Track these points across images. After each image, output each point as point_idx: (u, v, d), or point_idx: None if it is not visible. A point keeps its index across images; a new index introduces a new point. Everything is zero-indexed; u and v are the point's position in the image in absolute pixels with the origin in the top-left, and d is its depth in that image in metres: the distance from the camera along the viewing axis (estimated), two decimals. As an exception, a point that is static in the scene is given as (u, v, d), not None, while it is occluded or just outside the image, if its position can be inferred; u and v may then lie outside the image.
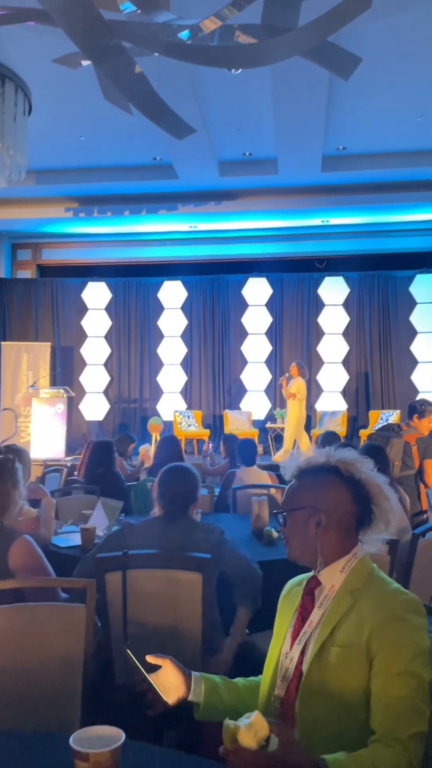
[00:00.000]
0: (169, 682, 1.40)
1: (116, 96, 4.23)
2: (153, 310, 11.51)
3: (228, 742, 1.06)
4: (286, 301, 11.24)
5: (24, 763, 1.23)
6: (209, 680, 1.46)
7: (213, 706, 1.44)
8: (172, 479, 2.53)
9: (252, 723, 1.06)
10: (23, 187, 8.78)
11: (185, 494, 2.49)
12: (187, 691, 1.41)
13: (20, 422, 10.52)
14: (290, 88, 6.34)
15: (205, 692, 1.43)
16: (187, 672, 1.43)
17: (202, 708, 1.43)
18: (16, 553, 2.19)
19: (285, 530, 1.48)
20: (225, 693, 1.46)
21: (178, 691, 1.40)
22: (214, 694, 1.44)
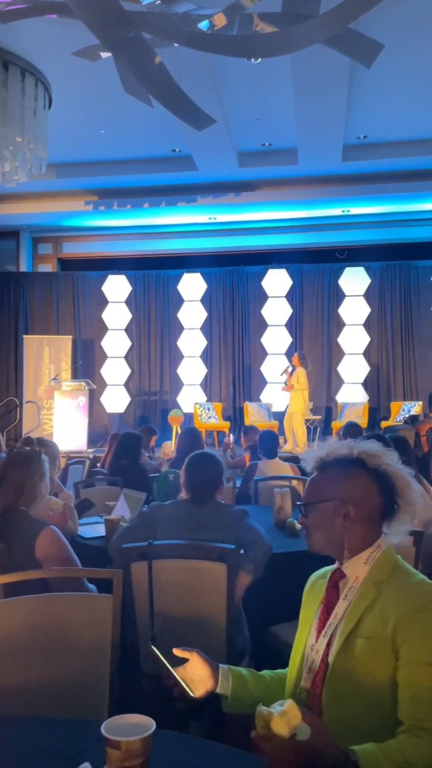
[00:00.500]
0: (197, 675, 1.41)
1: (136, 88, 4.22)
2: (173, 303, 11.52)
3: (260, 728, 1.07)
4: (306, 292, 11.18)
5: (55, 750, 1.25)
6: (236, 673, 1.46)
7: (240, 699, 1.44)
8: (199, 466, 2.59)
9: (285, 711, 1.06)
10: (43, 181, 8.82)
11: (212, 480, 2.56)
12: (214, 684, 1.42)
13: (43, 415, 10.64)
14: (311, 76, 6.28)
15: (233, 685, 1.43)
16: (214, 665, 1.44)
17: (229, 700, 1.44)
18: (43, 544, 2.22)
19: (307, 522, 1.47)
20: (252, 685, 1.47)
21: (206, 684, 1.41)
22: (242, 686, 1.45)
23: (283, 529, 3.34)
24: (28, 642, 1.74)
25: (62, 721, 1.39)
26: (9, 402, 11.21)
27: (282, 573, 2.76)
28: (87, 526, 3.59)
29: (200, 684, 1.40)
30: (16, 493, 2.32)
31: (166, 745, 1.19)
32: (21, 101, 6.27)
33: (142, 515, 2.62)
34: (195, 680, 1.39)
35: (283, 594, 2.50)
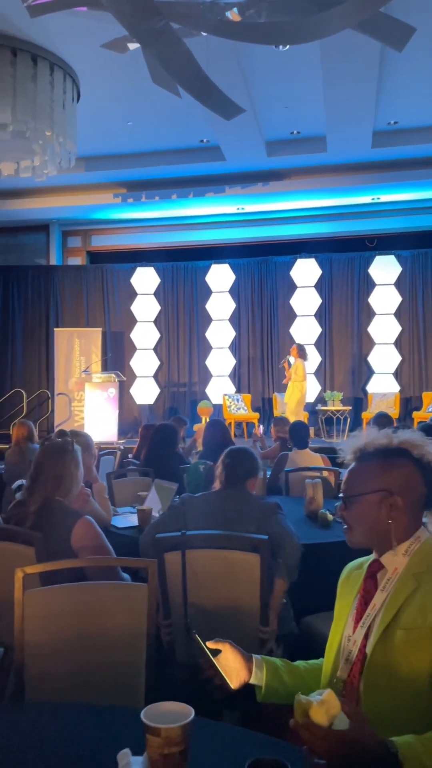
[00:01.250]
0: (230, 666, 1.41)
1: (165, 79, 4.22)
2: (201, 294, 11.52)
3: (299, 717, 1.07)
4: (335, 282, 11.06)
5: (95, 736, 1.27)
6: (270, 663, 1.46)
7: (275, 689, 1.44)
8: (235, 460, 2.66)
9: (324, 700, 1.06)
10: (72, 175, 8.89)
11: (246, 471, 2.63)
12: (248, 675, 1.42)
13: (74, 406, 10.77)
14: (340, 62, 6.19)
15: (267, 675, 1.44)
16: (247, 655, 1.44)
17: (264, 691, 1.44)
18: (78, 534, 2.25)
19: (348, 514, 1.45)
20: (286, 676, 1.47)
21: (240, 674, 1.41)
22: (276, 677, 1.45)
23: (315, 520, 3.33)
24: (64, 629, 1.77)
25: (102, 708, 1.41)
26: (41, 394, 11.37)
27: (314, 564, 2.76)
28: (120, 516, 3.63)
29: (234, 675, 1.41)
30: (54, 484, 2.36)
31: (202, 733, 1.20)
32: (50, 95, 6.32)
33: (173, 507, 2.65)
34: (229, 671, 1.40)
35: (316, 585, 2.50)
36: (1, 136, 6.26)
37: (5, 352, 11.60)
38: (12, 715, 1.45)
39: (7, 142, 6.53)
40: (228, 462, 2.66)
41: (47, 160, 6.94)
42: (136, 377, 11.61)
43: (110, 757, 1.12)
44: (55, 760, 1.18)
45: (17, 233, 11.88)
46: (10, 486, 4.69)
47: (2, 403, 11.14)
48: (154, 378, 11.67)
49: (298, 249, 11.18)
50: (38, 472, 2.38)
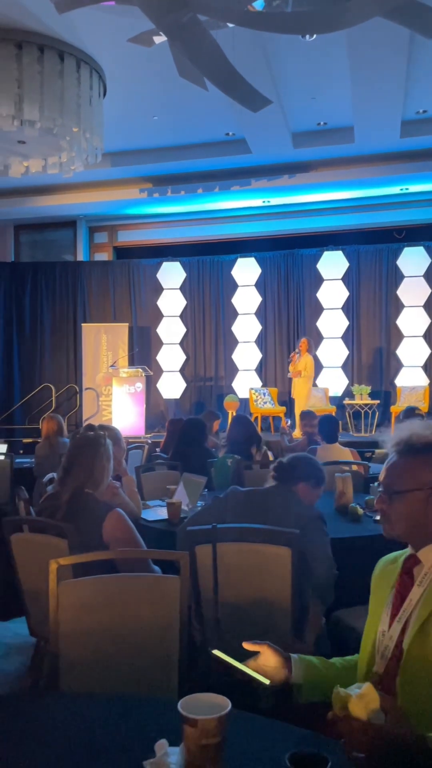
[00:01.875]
0: (270, 667, 1.41)
1: (192, 72, 4.21)
2: (227, 288, 11.50)
3: (338, 710, 1.07)
4: (363, 274, 10.94)
5: (132, 726, 1.28)
6: (307, 661, 1.46)
7: (315, 686, 1.44)
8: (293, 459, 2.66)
9: (363, 693, 1.06)
10: (99, 170, 8.94)
11: (301, 473, 2.60)
12: (288, 674, 1.42)
13: (101, 401, 10.86)
14: (367, 50, 6.10)
15: (305, 673, 1.43)
16: (285, 655, 1.44)
17: (304, 689, 1.44)
18: (110, 526, 2.27)
19: (390, 509, 1.43)
20: (324, 673, 1.47)
21: (279, 674, 1.41)
22: (315, 674, 1.45)
23: (345, 514, 3.31)
24: (98, 620, 1.79)
25: (137, 698, 1.42)
26: (69, 389, 11.49)
27: (344, 558, 2.74)
28: (149, 510, 3.66)
29: (274, 674, 1.40)
30: (85, 476, 2.38)
31: (238, 725, 1.20)
32: (77, 91, 6.35)
33: (216, 499, 2.62)
34: (268, 671, 1.40)
35: (346, 579, 2.48)
36: (30, 133, 6.31)
37: (34, 347, 11.74)
38: (48, 703, 1.46)
39: (35, 139, 6.58)
40: (284, 460, 2.64)
41: (74, 156, 6.99)
42: (163, 372, 11.65)
43: (147, 747, 1.13)
44: (91, 749, 1.20)
45: (45, 230, 11.99)
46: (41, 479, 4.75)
47: (32, 398, 11.28)
48: (181, 372, 11.70)
49: (325, 241, 11.08)
50: (70, 464, 2.41)
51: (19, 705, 1.45)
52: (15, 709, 1.40)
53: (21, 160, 7.18)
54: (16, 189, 10.03)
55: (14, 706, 1.44)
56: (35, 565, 2.42)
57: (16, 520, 2.67)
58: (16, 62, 6.02)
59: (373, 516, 3.24)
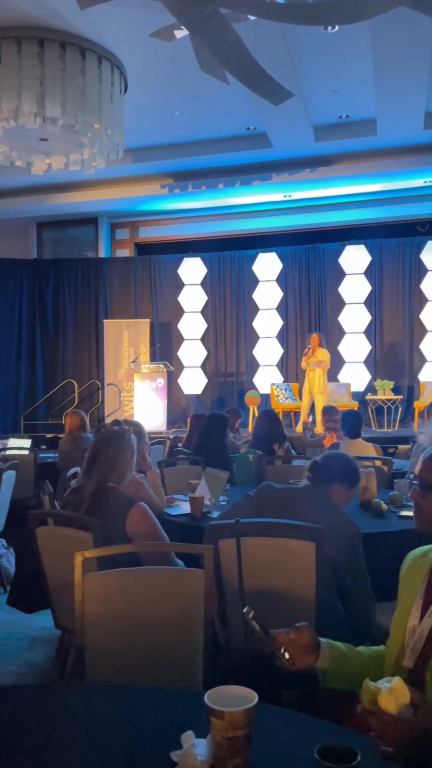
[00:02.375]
0: (303, 646, 1.42)
1: (213, 65, 4.19)
2: (248, 283, 11.47)
3: (367, 703, 1.06)
4: (386, 268, 10.84)
5: (158, 718, 1.29)
6: (336, 647, 1.47)
7: (340, 673, 1.45)
8: (325, 459, 2.54)
9: (394, 687, 1.05)
10: (120, 167, 8.96)
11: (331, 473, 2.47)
12: (315, 658, 1.43)
13: (123, 397, 10.92)
14: (391, 42, 6.03)
15: (332, 659, 1.44)
16: (316, 640, 1.45)
17: (329, 675, 1.44)
18: (133, 520, 2.28)
19: (423, 502, 1.42)
20: (351, 661, 1.47)
21: (308, 657, 1.42)
22: (341, 661, 1.45)
23: (368, 509, 3.29)
24: (122, 612, 1.80)
25: (162, 690, 1.43)
26: (91, 385, 11.58)
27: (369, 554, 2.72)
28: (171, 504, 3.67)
29: (303, 656, 1.41)
30: (109, 469, 2.40)
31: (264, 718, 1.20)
32: (98, 87, 6.37)
33: (248, 497, 2.52)
34: (298, 651, 1.40)
35: (371, 574, 2.46)
36: (52, 130, 6.35)
37: (57, 343, 11.84)
38: (75, 694, 1.48)
39: (56, 136, 6.62)
40: (319, 460, 2.53)
41: (96, 152, 7.02)
42: (184, 367, 11.67)
43: (173, 739, 1.13)
44: (117, 740, 1.20)
45: (67, 227, 12.07)
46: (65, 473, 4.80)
47: (54, 394, 11.39)
48: (202, 368, 11.72)
49: (347, 235, 10.99)
50: (95, 458, 2.43)
51: (46, 695, 1.46)
52: (42, 698, 1.42)
53: (43, 158, 7.23)
54: (38, 187, 10.11)
55: (41, 696, 1.45)
56: (60, 558, 2.44)
57: (41, 513, 2.69)
58: (38, 60, 6.06)
59: (398, 512, 3.22)
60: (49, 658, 3.39)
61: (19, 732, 1.24)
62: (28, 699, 1.41)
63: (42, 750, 1.17)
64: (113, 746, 1.18)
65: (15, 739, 1.21)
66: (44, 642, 3.59)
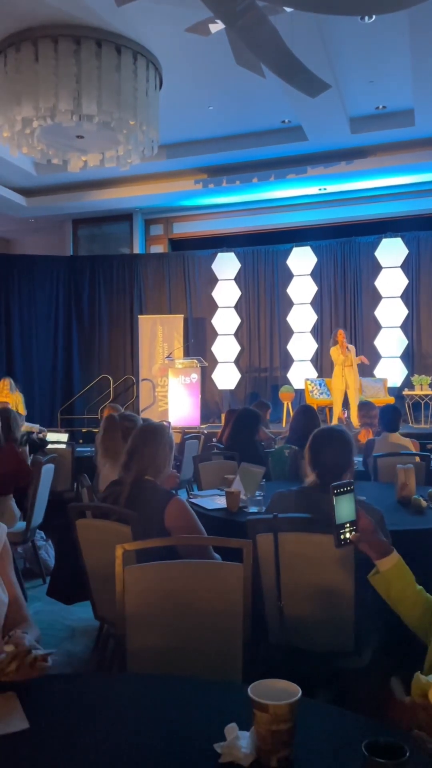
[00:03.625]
0: (373, 544, 1.58)
1: (249, 59, 4.17)
2: (282, 278, 11.41)
3: (417, 696, 1.05)
4: (423, 261, 10.65)
5: (198, 709, 1.30)
6: (403, 566, 1.60)
7: (386, 580, 1.57)
8: (328, 444, 2.35)
9: None
10: (154, 163, 9.01)
11: (341, 463, 2.32)
12: (378, 557, 1.58)
13: (157, 392, 10.99)
14: (430, 30, 5.90)
15: (394, 569, 1.57)
16: (391, 548, 1.60)
17: (379, 576, 1.58)
18: (171, 513, 2.30)
19: None
20: (404, 583, 1.58)
21: (372, 551, 1.58)
22: (398, 576, 1.57)
23: (407, 506, 3.24)
24: (162, 606, 1.82)
25: (204, 682, 1.44)
26: (126, 380, 11.68)
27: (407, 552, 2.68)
28: (207, 498, 3.68)
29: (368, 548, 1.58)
30: (147, 463, 2.42)
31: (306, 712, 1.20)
32: (134, 84, 6.40)
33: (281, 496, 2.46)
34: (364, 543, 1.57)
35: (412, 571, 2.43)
36: (88, 127, 6.41)
37: (92, 339, 11.99)
38: (117, 683, 1.50)
39: (92, 133, 6.68)
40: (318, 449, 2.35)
41: (131, 149, 7.06)
42: (218, 363, 11.68)
43: (216, 730, 1.14)
44: (161, 731, 1.22)
45: (102, 223, 12.19)
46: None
47: (90, 389, 11.53)
48: (235, 363, 11.71)
49: (384, 228, 10.83)
50: (134, 451, 2.45)
51: (89, 683, 1.48)
52: (84, 686, 1.44)
53: (79, 155, 7.31)
54: (73, 184, 10.23)
55: (84, 683, 1.48)
56: (99, 550, 2.48)
57: (81, 506, 2.73)
58: (74, 58, 6.12)
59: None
60: (89, 648, 3.45)
61: (60, 721, 1.26)
62: (70, 688, 1.43)
63: (84, 739, 1.19)
64: (156, 737, 1.19)
65: (56, 727, 1.23)
66: (83, 632, 3.65)
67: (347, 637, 2.17)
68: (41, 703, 1.31)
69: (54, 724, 1.24)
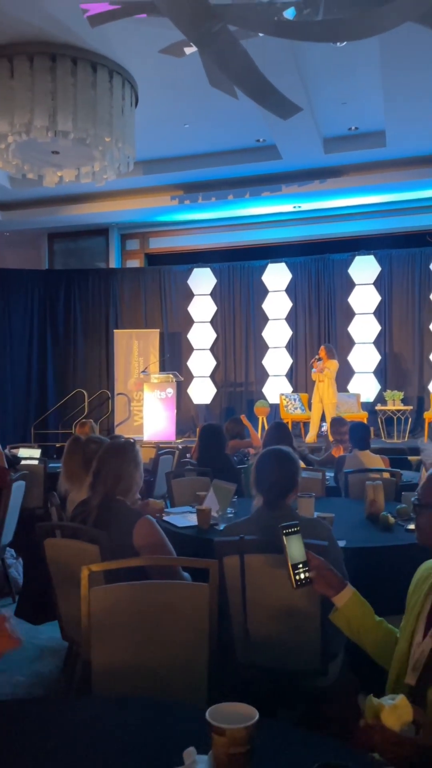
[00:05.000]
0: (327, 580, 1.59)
1: (222, 81, 4.24)
2: (257, 294, 11.50)
3: (370, 719, 1.06)
4: (395, 279, 10.83)
5: (160, 732, 1.30)
6: (359, 596, 1.61)
7: (345, 616, 1.59)
8: (269, 465, 2.39)
9: (397, 705, 1.05)
10: (131, 179, 9.04)
11: (282, 481, 2.36)
12: (334, 593, 1.59)
13: (133, 406, 10.96)
14: (400, 54, 6.06)
15: (348, 603, 1.58)
16: (340, 578, 1.62)
17: (339, 613, 1.60)
18: (140, 532, 2.30)
19: (421, 519, 1.43)
20: (364, 616, 1.60)
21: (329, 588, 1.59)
22: (354, 608, 1.59)
23: (376, 522, 3.28)
24: (127, 626, 1.81)
25: (166, 704, 1.44)
26: (101, 394, 11.63)
27: (375, 568, 2.72)
28: (178, 515, 3.68)
29: (323, 584, 1.58)
30: (113, 483, 2.41)
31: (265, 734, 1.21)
32: (109, 101, 6.44)
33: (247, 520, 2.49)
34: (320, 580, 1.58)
35: (378, 588, 2.46)
36: (63, 143, 6.42)
37: (67, 353, 11.92)
38: (79, 707, 1.49)
39: (68, 149, 6.69)
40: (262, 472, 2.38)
41: (107, 165, 7.08)
42: (193, 377, 11.70)
43: (174, 753, 1.14)
44: (120, 754, 1.22)
45: (78, 238, 12.17)
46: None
47: (65, 403, 11.45)
48: (211, 378, 11.74)
49: (357, 246, 11.00)
50: (99, 469, 2.45)
51: (51, 708, 1.48)
52: (47, 711, 1.43)
53: (55, 170, 7.31)
54: (49, 198, 10.22)
55: (47, 709, 1.47)
56: (67, 570, 2.46)
57: (50, 525, 2.72)
58: (50, 75, 6.14)
59: (405, 525, 3.21)
60: (57, 668, 3.41)
61: (22, 746, 1.25)
62: (31, 713, 1.42)
63: (43, 761, 1.18)
64: (115, 760, 1.19)
65: (18, 753, 1.22)
66: (52, 653, 3.61)
67: (313, 656, 2.19)
68: (2, 728, 1.30)
69: (13, 750, 1.23)
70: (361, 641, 1.59)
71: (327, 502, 4.05)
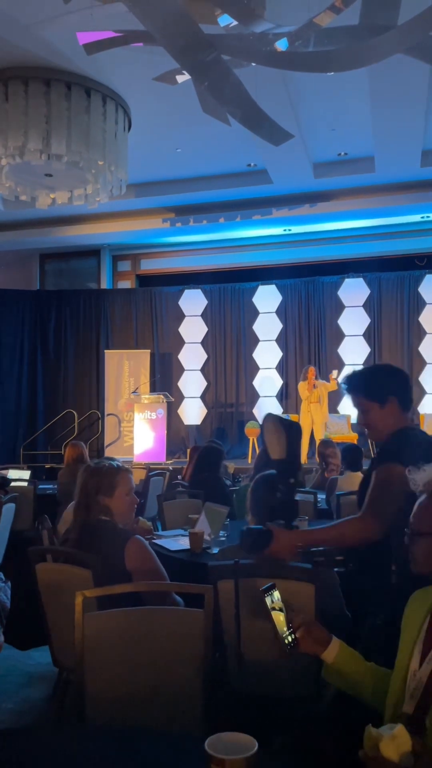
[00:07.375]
0: (314, 637, 1.53)
1: (215, 108, 4.31)
2: (248, 315, 11.57)
3: (369, 749, 1.06)
4: (384, 302, 10.95)
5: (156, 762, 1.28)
6: (346, 648, 1.56)
7: (338, 672, 1.54)
8: (267, 490, 2.42)
9: (396, 735, 1.05)
10: (123, 201, 9.11)
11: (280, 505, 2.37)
12: (322, 650, 1.53)
13: (123, 427, 10.92)
14: (388, 83, 6.20)
15: (339, 656, 1.53)
16: (328, 634, 1.55)
17: (331, 669, 1.55)
18: (131, 554, 2.27)
19: (418, 549, 1.44)
20: (356, 666, 1.54)
21: (316, 646, 1.53)
22: (347, 662, 1.54)
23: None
24: (122, 652, 1.80)
25: (163, 734, 1.42)
26: (91, 415, 11.58)
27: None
28: (170, 539, 3.65)
29: (310, 644, 1.53)
30: (95, 503, 2.39)
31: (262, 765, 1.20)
32: (103, 126, 6.53)
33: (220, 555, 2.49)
34: (309, 640, 1.52)
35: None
36: (57, 166, 6.49)
37: (58, 373, 11.89)
38: (72, 736, 1.47)
39: (61, 172, 6.75)
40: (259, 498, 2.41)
41: (99, 188, 7.15)
42: (184, 398, 11.69)
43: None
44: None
45: (69, 259, 12.23)
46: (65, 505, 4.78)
47: (55, 424, 11.39)
48: (202, 399, 11.74)
49: (346, 269, 11.13)
50: (82, 490, 2.43)
51: (43, 737, 1.45)
52: (38, 741, 1.41)
53: (48, 192, 7.37)
54: (42, 219, 10.27)
55: (38, 738, 1.44)
56: (59, 594, 2.44)
57: (41, 549, 2.69)
58: (44, 99, 6.23)
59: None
60: (47, 695, 3.35)
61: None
62: (23, 743, 1.40)
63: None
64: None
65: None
66: (42, 678, 3.54)
67: (308, 683, 2.17)
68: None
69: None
70: (356, 692, 1.55)
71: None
